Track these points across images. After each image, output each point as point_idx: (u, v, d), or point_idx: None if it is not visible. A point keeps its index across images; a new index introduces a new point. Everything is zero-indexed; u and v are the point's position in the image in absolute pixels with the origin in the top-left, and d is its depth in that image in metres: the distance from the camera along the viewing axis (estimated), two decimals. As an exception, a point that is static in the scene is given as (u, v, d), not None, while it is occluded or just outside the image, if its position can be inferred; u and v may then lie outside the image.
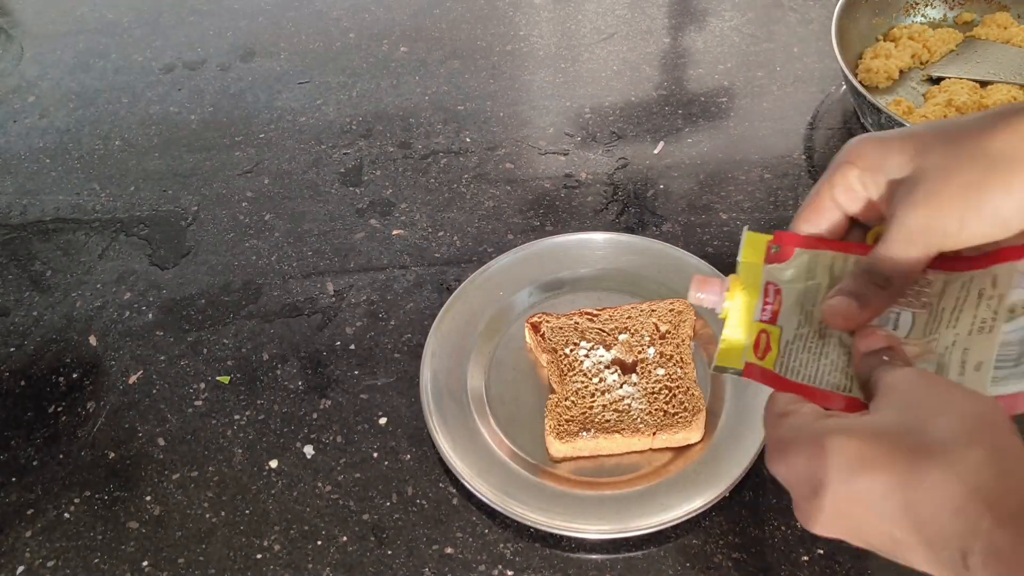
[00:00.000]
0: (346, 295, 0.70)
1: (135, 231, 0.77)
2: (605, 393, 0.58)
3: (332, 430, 0.62)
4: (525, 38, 0.93)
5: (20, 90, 0.92)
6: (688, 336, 0.61)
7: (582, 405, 0.57)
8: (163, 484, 0.60)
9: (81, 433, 0.63)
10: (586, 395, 0.58)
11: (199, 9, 1.00)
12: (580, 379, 0.58)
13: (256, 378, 0.65)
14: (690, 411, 0.56)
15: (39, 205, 0.80)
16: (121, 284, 0.73)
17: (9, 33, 1.00)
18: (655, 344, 0.60)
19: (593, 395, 0.58)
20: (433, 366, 0.62)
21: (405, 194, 0.77)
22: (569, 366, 0.59)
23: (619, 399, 0.57)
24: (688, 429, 0.55)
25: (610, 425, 0.56)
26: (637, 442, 0.56)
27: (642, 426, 0.55)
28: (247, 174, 0.81)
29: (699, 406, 0.56)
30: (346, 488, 0.59)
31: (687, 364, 0.59)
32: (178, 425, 0.63)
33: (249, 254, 0.74)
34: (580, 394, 0.58)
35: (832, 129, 0.80)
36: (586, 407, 0.57)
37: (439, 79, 0.89)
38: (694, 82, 0.86)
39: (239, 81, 0.91)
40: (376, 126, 0.84)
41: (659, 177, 0.77)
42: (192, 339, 0.68)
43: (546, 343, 0.60)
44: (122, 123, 0.87)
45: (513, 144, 0.81)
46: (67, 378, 0.67)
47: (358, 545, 0.56)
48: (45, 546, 0.57)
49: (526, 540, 0.55)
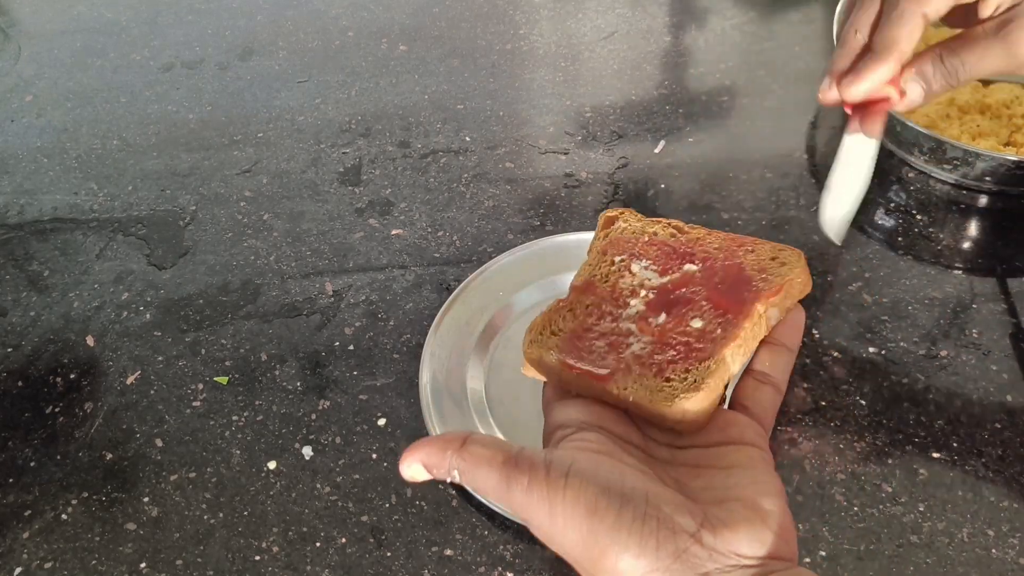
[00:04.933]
0: (345, 295, 0.70)
1: (133, 231, 0.77)
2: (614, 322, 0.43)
3: (331, 431, 0.61)
4: (525, 37, 0.92)
5: (17, 89, 0.92)
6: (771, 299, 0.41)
7: (580, 322, 0.43)
8: (161, 485, 0.59)
9: (79, 434, 0.63)
10: (593, 314, 0.44)
11: (197, 8, 1.00)
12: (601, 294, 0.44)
13: (254, 379, 0.65)
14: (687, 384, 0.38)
15: (37, 205, 0.80)
16: (119, 284, 0.72)
17: (6, 32, 0.99)
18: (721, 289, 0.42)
19: (601, 317, 0.43)
20: (432, 367, 0.62)
21: (404, 193, 0.77)
22: (604, 276, 0.45)
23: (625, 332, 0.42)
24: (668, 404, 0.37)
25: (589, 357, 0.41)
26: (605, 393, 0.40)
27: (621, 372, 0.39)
28: (245, 173, 0.80)
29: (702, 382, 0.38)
30: (345, 489, 0.58)
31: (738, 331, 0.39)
32: (176, 426, 0.62)
33: (247, 254, 0.74)
34: (588, 310, 0.44)
35: (834, 128, 0.80)
36: (583, 326, 0.43)
37: (438, 78, 0.88)
38: (695, 81, 0.85)
39: (238, 80, 0.90)
40: (375, 125, 0.84)
41: (660, 176, 0.76)
42: (190, 339, 0.68)
43: (606, 242, 0.47)
44: (120, 122, 0.87)
45: (513, 143, 0.81)
46: (65, 379, 0.66)
47: (357, 547, 0.56)
48: (42, 547, 0.57)
49: (526, 541, 0.55)
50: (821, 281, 0.67)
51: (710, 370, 0.38)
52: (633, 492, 0.31)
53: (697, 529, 0.30)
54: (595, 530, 0.30)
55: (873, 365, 0.62)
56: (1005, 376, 0.60)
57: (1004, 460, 0.56)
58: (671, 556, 0.29)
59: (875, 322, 0.64)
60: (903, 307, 0.65)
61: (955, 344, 0.62)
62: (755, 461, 0.34)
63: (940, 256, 0.68)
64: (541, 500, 0.31)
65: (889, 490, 0.55)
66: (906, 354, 0.62)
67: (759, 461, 0.34)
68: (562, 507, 0.30)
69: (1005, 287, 0.66)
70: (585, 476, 0.31)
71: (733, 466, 0.34)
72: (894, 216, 0.71)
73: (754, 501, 0.32)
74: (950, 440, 0.57)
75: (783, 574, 0.30)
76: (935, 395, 0.60)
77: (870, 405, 0.59)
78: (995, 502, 0.54)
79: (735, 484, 0.33)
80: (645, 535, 0.29)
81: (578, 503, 0.30)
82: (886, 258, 0.68)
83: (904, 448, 0.57)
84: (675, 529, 0.30)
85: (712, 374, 0.38)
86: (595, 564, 0.30)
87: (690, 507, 0.31)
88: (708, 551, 0.30)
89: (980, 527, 0.53)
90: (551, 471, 0.31)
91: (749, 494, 0.32)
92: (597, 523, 0.30)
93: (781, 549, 0.31)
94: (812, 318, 0.64)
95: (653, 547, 0.29)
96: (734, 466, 0.34)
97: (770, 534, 0.31)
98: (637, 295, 0.44)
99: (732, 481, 0.33)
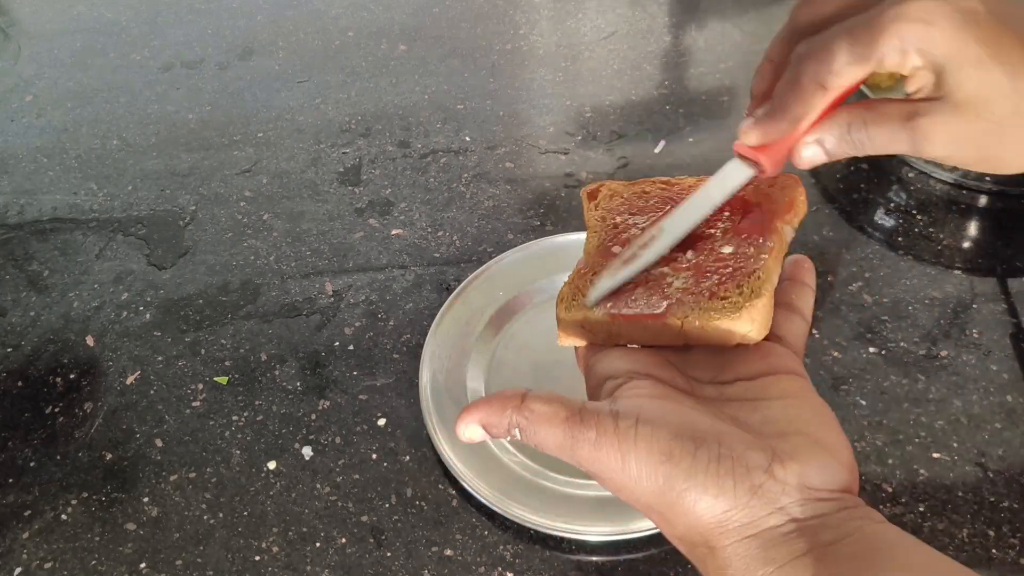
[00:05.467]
0: (345, 295, 0.70)
1: (133, 231, 0.77)
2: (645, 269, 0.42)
3: (331, 431, 0.61)
4: (525, 37, 0.92)
5: (17, 89, 0.92)
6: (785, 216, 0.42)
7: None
8: (161, 485, 0.59)
9: (79, 434, 0.63)
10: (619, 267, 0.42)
11: (197, 8, 1.00)
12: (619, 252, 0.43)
13: (254, 379, 0.65)
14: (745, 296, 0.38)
15: (36, 205, 0.80)
16: (119, 284, 0.72)
17: (6, 32, 0.99)
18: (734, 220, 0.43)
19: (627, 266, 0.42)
20: (432, 366, 0.62)
21: (404, 193, 0.77)
22: (614, 238, 0.45)
23: (658, 276, 0.41)
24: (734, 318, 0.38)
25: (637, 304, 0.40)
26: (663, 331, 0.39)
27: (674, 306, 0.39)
28: (245, 173, 0.80)
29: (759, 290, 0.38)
30: (345, 489, 0.58)
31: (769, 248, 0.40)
32: (176, 426, 0.62)
33: (247, 254, 0.74)
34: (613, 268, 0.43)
35: (833, 128, 0.79)
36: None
37: (438, 78, 0.88)
38: (695, 81, 0.85)
39: (237, 80, 0.90)
40: (375, 125, 0.84)
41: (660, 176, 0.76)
42: (190, 339, 0.68)
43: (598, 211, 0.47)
44: (120, 122, 0.87)
45: (513, 143, 0.81)
46: (64, 379, 0.66)
47: (357, 547, 0.55)
48: (42, 547, 0.57)
49: (526, 542, 0.55)
50: (821, 281, 0.67)
51: (760, 279, 0.39)
52: (704, 433, 0.31)
53: (769, 464, 0.30)
54: (672, 475, 0.30)
55: (873, 365, 0.61)
56: (1005, 376, 0.60)
57: (1004, 460, 0.56)
58: (748, 493, 0.29)
59: (875, 322, 0.64)
60: (903, 307, 0.65)
61: (955, 344, 0.62)
62: (804, 390, 0.34)
63: (940, 256, 0.68)
64: (612, 452, 0.31)
65: (889, 490, 0.55)
66: (906, 354, 0.62)
67: (808, 390, 0.34)
68: (635, 456, 0.30)
69: (1005, 287, 0.65)
70: (655, 423, 0.31)
71: (784, 396, 0.34)
72: (894, 216, 0.71)
73: (816, 433, 0.32)
74: (950, 440, 0.57)
75: (855, 511, 0.30)
76: (935, 395, 0.60)
77: (870, 405, 0.59)
78: (995, 502, 0.54)
79: (795, 416, 0.33)
80: (722, 475, 0.29)
81: (652, 451, 0.30)
82: (886, 258, 0.68)
83: (904, 448, 0.57)
84: (749, 466, 0.30)
85: (765, 281, 0.38)
86: (672, 508, 0.30)
87: (759, 443, 0.31)
88: (781, 484, 0.30)
89: (980, 527, 0.53)
90: (619, 422, 0.31)
91: (810, 426, 0.32)
92: (673, 468, 0.30)
93: (849, 481, 0.31)
94: (813, 318, 0.64)
95: (731, 486, 0.29)
96: (785, 396, 0.34)
97: (838, 466, 0.31)
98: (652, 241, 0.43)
99: (791, 413, 0.33)
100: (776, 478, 0.30)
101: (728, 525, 0.30)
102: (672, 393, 0.34)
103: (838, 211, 0.72)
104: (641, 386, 0.34)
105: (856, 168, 0.75)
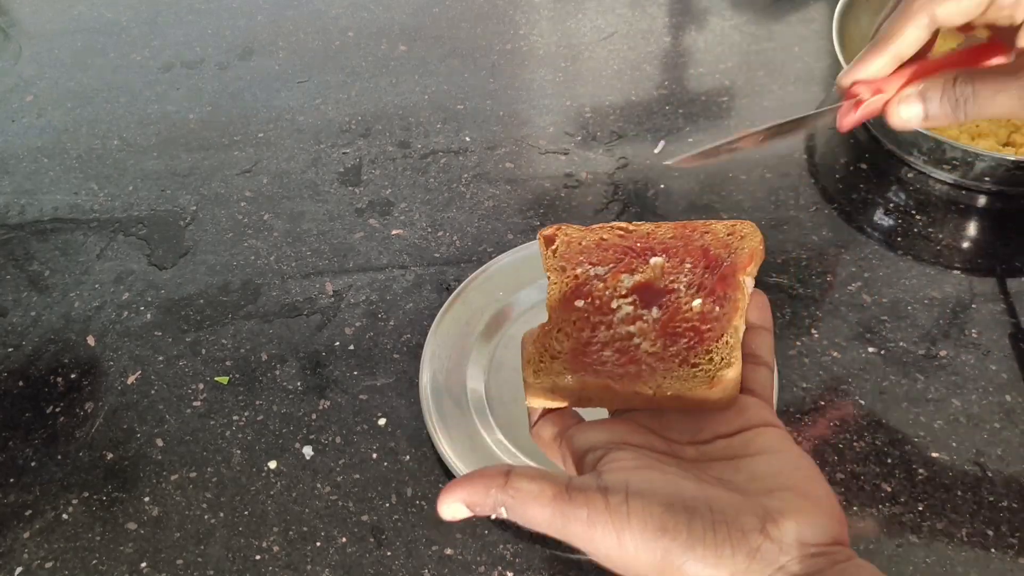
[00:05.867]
0: (345, 295, 0.70)
1: (133, 231, 0.77)
2: (610, 328, 0.42)
3: (331, 431, 0.61)
4: (525, 37, 0.92)
5: (18, 89, 0.92)
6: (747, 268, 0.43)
7: (576, 339, 0.42)
8: (162, 485, 0.59)
9: (79, 434, 0.63)
10: (585, 327, 0.43)
11: (197, 8, 1.00)
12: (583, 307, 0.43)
13: (255, 379, 0.65)
14: (716, 364, 0.39)
15: (37, 205, 0.80)
16: (119, 284, 0.72)
17: (7, 32, 0.99)
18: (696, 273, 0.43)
19: (595, 328, 0.42)
20: (432, 366, 0.62)
21: (404, 194, 0.77)
22: (575, 290, 0.44)
23: (626, 336, 0.41)
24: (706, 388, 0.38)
25: (604, 368, 0.40)
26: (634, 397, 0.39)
27: (645, 372, 0.39)
28: (246, 173, 0.80)
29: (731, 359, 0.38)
30: (345, 489, 0.58)
31: (735, 303, 0.41)
32: (176, 426, 0.63)
33: (248, 254, 0.74)
34: (578, 325, 0.43)
35: (833, 129, 0.79)
36: (581, 341, 0.42)
37: (438, 78, 0.88)
38: (695, 81, 0.86)
39: (238, 80, 0.90)
40: (375, 125, 0.84)
41: (660, 177, 0.76)
42: (191, 339, 0.68)
43: (556, 259, 0.46)
44: (120, 122, 0.87)
45: (513, 143, 0.81)
46: (65, 379, 0.66)
47: (357, 546, 0.56)
48: (43, 547, 0.57)
49: (526, 541, 0.55)
50: (821, 281, 0.67)
51: (729, 345, 0.39)
52: (695, 501, 0.30)
53: (763, 525, 0.30)
54: (669, 549, 0.29)
55: (872, 365, 0.62)
56: (1005, 376, 0.60)
57: (1004, 460, 0.56)
58: (747, 558, 0.29)
59: (875, 322, 0.64)
60: (903, 307, 0.65)
61: (955, 344, 0.62)
62: (783, 442, 0.34)
63: (940, 256, 0.68)
64: (606, 530, 0.30)
65: (889, 490, 0.55)
66: (906, 354, 0.62)
67: (787, 442, 0.34)
68: (630, 533, 0.30)
69: (1005, 287, 0.66)
70: (644, 496, 0.31)
71: (765, 451, 0.34)
72: (893, 216, 0.71)
73: (802, 487, 0.32)
74: (949, 440, 0.57)
75: (848, 565, 0.30)
76: (934, 395, 0.60)
77: (870, 405, 0.59)
78: (995, 502, 0.54)
79: (778, 471, 0.33)
80: (719, 543, 0.29)
81: (646, 526, 0.30)
82: (886, 258, 0.68)
83: (904, 448, 0.57)
84: (744, 530, 0.30)
85: (734, 347, 0.39)
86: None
87: (748, 504, 0.31)
88: (778, 544, 0.30)
89: (979, 527, 0.53)
90: (609, 498, 0.31)
91: (795, 480, 0.32)
92: (670, 542, 0.29)
93: (839, 533, 0.31)
94: (812, 318, 0.65)
95: (729, 554, 0.29)
96: (767, 451, 0.34)
97: (828, 519, 0.31)
98: (618, 298, 0.43)
99: (775, 468, 0.33)
100: (772, 538, 0.30)
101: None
102: (654, 461, 0.34)
103: (838, 211, 0.72)
104: (623, 457, 0.34)
105: (856, 168, 0.75)
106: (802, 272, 0.68)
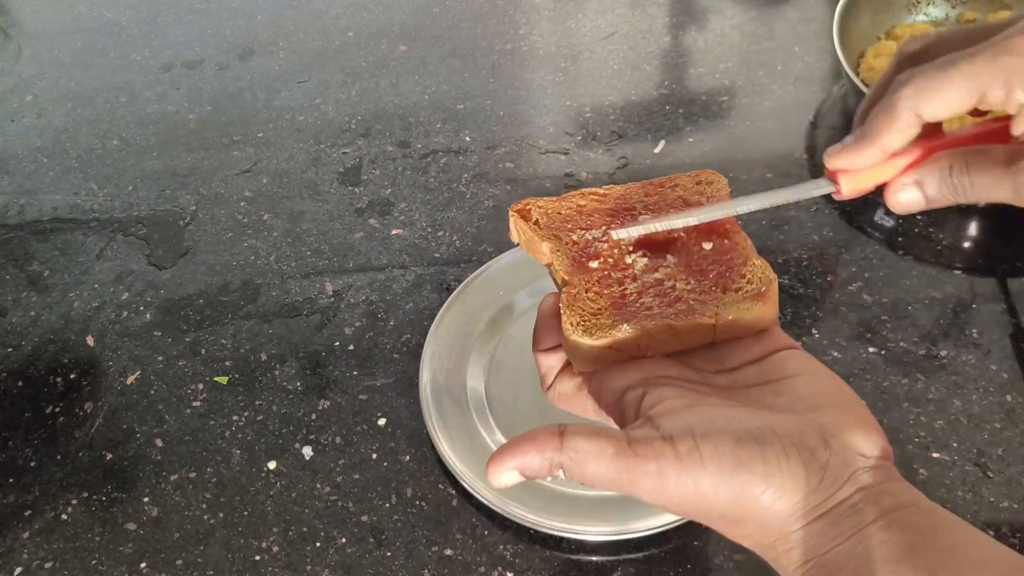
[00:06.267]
0: (345, 295, 0.70)
1: (133, 231, 0.77)
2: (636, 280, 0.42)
3: (331, 431, 0.61)
4: (525, 37, 0.92)
5: (18, 89, 0.92)
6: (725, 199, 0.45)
7: (610, 294, 0.42)
8: (161, 485, 0.59)
9: (79, 434, 0.63)
10: (612, 284, 0.42)
11: (197, 8, 1.00)
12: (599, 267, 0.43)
13: (254, 379, 0.65)
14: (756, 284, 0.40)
15: (37, 205, 0.80)
16: (119, 284, 0.72)
17: (7, 32, 0.99)
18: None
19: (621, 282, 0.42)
20: (432, 367, 0.62)
21: (404, 193, 0.77)
22: (582, 252, 0.44)
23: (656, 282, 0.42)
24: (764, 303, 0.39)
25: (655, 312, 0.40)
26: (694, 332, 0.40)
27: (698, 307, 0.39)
28: (246, 173, 0.80)
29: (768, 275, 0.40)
30: (345, 489, 0.58)
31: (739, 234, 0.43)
32: (176, 426, 0.62)
33: (247, 254, 0.74)
34: (603, 283, 0.42)
35: (834, 128, 0.80)
36: (615, 296, 0.41)
37: (438, 78, 0.88)
38: (695, 81, 0.85)
39: (238, 80, 0.90)
40: (375, 125, 0.84)
41: (660, 176, 0.76)
42: (190, 339, 0.68)
43: (543, 230, 0.46)
44: (120, 122, 0.87)
45: (513, 143, 0.81)
46: (65, 379, 0.66)
47: (357, 546, 0.56)
48: (43, 547, 0.57)
49: (526, 541, 0.55)
50: (821, 281, 0.67)
51: (758, 264, 0.40)
52: (759, 430, 0.30)
53: (825, 441, 0.30)
54: (748, 482, 0.29)
55: (873, 365, 0.62)
56: (1005, 376, 0.60)
57: (1004, 460, 0.56)
58: (818, 475, 0.29)
59: (875, 322, 0.64)
60: (903, 307, 0.65)
61: (955, 344, 0.62)
62: (812, 364, 0.34)
63: (940, 256, 0.68)
64: (681, 479, 0.30)
65: (889, 490, 0.55)
66: (906, 354, 0.62)
67: (815, 363, 0.35)
68: (708, 477, 0.30)
69: (1005, 287, 0.66)
70: (712, 436, 0.30)
71: (799, 373, 0.34)
72: (894, 216, 0.71)
73: (845, 404, 0.32)
74: (950, 440, 0.57)
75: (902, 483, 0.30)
76: (935, 395, 0.60)
77: (870, 405, 0.59)
78: (995, 502, 0.54)
79: (819, 391, 0.33)
80: (793, 467, 0.29)
81: (722, 465, 0.30)
82: (886, 258, 0.68)
83: (904, 448, 0.57)
84: (811, 449, 0.30)
85: (763, 265, 0.40)
86: (746, 513, 0.30)
87: (806, 423, 0.31)
88: (840, 458, 0.30)
89: (980, 527, 0.53)
90: (679, 447, 0.30)
91: (838, 399, 0.32)
92: (748, 475, 0.29)
93: (885, 447, 0.31)
94: (812, 318, 0.64)
95: (803, 475, 0.29)
96: (800, 373, 0.34)
97: (876, 433, 0.31)
98: (629, 254, 0.43)
99: (814, 388, 0.33)
100: (836, 452, 0.30)
101: (801, 511, 0.30)
102: (699, 396, 0.33)
103: (838, 211, 0.72)
104: (668, 395, 0.33)
105: (856, 168, 0.75)
106: (803, 272, 0.68)
